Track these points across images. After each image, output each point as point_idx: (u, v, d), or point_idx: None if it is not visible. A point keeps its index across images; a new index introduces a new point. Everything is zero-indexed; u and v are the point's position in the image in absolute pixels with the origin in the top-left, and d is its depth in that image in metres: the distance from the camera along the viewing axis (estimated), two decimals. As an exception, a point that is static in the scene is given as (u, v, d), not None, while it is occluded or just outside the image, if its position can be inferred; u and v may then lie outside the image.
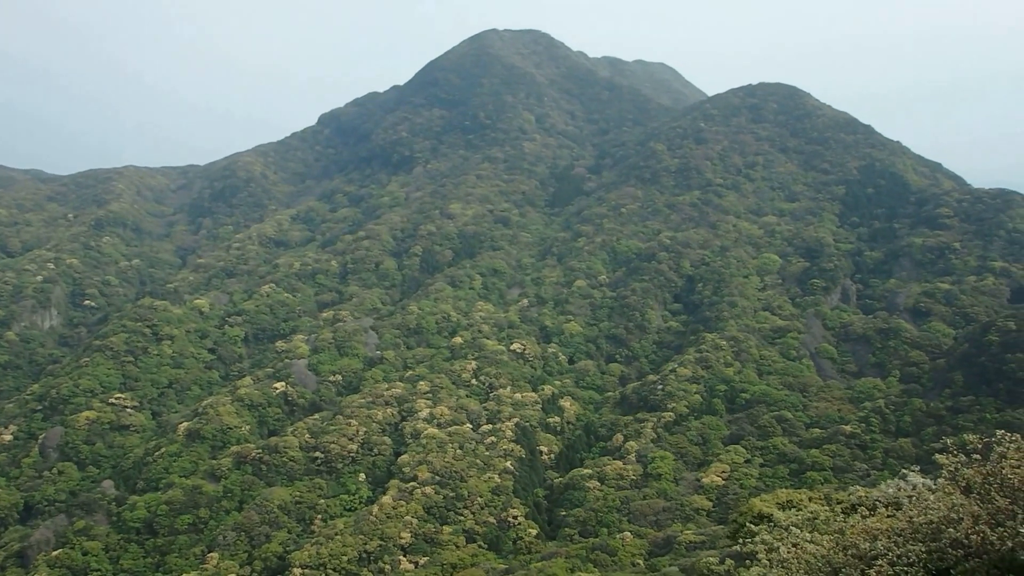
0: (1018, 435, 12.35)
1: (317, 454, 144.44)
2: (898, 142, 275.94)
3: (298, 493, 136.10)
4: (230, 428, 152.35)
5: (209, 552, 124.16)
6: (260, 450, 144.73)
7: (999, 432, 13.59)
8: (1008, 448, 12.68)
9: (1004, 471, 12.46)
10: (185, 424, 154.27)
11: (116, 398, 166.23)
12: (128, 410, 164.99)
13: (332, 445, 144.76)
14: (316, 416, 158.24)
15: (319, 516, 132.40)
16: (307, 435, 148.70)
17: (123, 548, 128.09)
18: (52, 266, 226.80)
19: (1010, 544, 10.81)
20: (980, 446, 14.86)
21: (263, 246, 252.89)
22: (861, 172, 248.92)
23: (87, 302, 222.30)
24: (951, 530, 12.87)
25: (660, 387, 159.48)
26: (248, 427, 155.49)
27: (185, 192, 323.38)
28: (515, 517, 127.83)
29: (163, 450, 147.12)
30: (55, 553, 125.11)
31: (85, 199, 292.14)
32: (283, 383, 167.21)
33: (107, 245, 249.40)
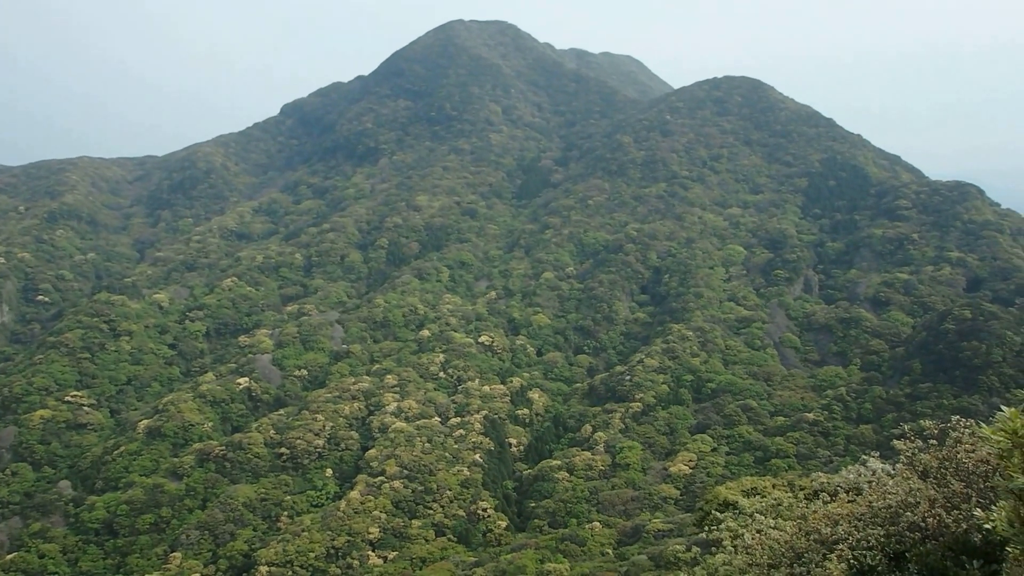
0: (973, 420, 12.65)
1: (283, 450, 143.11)
2: (859, 135, 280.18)
3: (263, 490, 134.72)
4: (192, 425, 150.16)
5: (172, 552, 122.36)
6: (223, 447, 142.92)
7: (955, 418, 13.90)
8: (963, 433, 12.99)
9: (959, 456, 12.76)
10: (145, 422, 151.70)
11: (72, 396, 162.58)
12: (85, 408, 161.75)
13: (298, 441, 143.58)
14: (281, 411, 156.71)
15: (285, 513, 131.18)
16: (272, 431, 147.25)
17: (81, 550, 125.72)
18: (3, 260, 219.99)
19: (964, 526, 11.07)
20: (936, 432, 15.17)
21: (224, 239, 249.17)
22: (823, 165, 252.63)
23: (40, 297, 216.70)
24: (909, 514, 13.14)
25: (628, 378, 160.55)
26: (211, 424, 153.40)
27: (142, 184, 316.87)
28: (484, 510, 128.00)
29: (122, 449, 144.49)
30: (10, 557, 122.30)
31: (37, 191, 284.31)
32: (247, 378, 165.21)
33: (61, 238, 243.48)
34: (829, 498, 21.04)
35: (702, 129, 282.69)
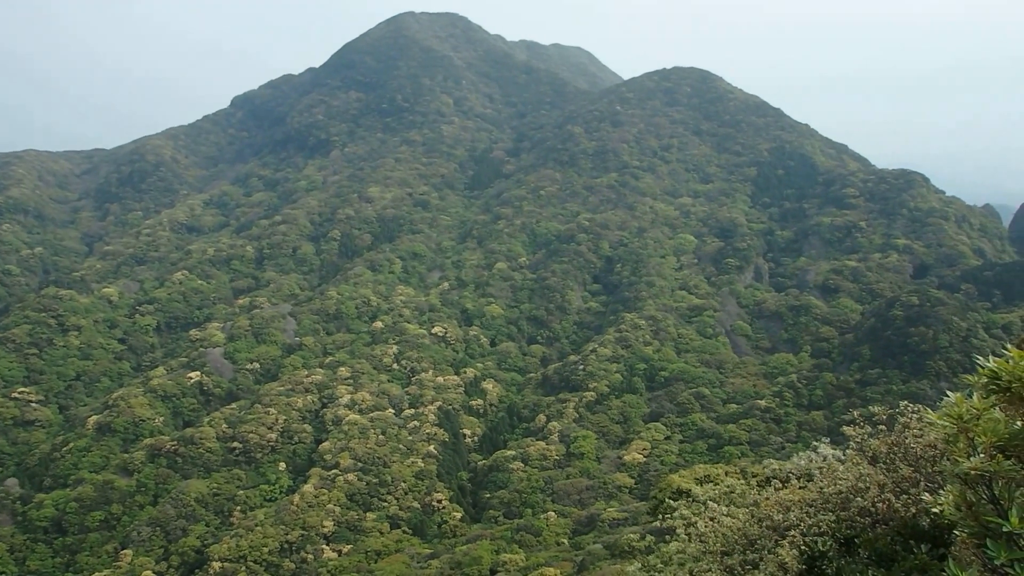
0: (920, 405, 12.74)
1: (235, 444, 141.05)
2: (806, 125, 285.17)
3: (216, 485, 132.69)
4: (142, 420, 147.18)
5: (122, 549, 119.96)
6: (175, 442, 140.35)
7: (902, 403, 14.01)
8: (910, 419, 13.09)
9: (907, 441, 12.84)
10: (94, 417, 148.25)
11: (19, 392, 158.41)
12: (32, 404, 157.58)
13: (251, 435, 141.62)
14: (233, 405, 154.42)
15: (238, 508, 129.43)
16: (224, 425, 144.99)
17: (29, 548, 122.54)
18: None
19: (913, 511, 11.13)
20: (885, 417, 15.29)
21: (174, 232, 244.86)
22: (772, 154, 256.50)
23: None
24: (859, 499, 13.20)
25: (581, 367, 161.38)
26: (162, 419, 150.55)
27: (90, 177, 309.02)
28: (439, 501, 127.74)
29: (71, 445, 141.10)
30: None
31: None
32: (198, 372, 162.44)
33: (7, 233, 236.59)
34: (781, 485, 21.20)
35: (652, 119, 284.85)
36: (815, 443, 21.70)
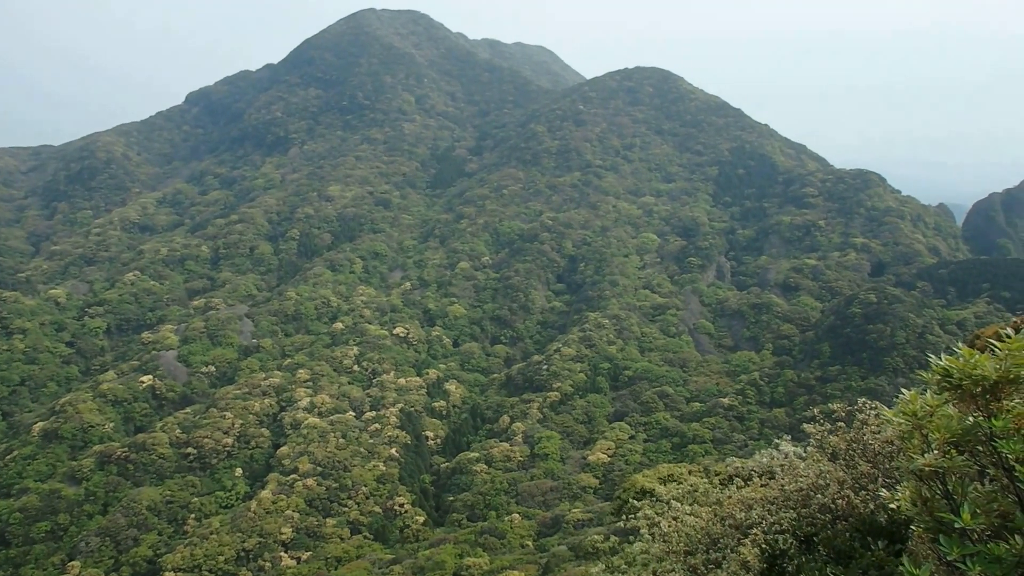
0: (877, 403, 12.98)
1: (189, 450, 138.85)
2: (766, 125, 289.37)
3: (169, 492, 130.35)
4: (92, 426, 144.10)
5: (70, 561, 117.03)
6: (126, 448, 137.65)
7: (861, 400, 14.26)
8: (868, 415, 13.33)
9: (866, 438, 13.08)
10: (40, 424, 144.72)
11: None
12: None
13: (205, 440, 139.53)
14: (187, 410, 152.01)
15: (192, 515, 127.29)
16: (178, 430, 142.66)
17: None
18: None
19: (872, 507, 11.33)
20: (844, 414, 15.54)
21: (126, 231, 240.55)
22: (732, 154, 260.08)
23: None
24: (819, 496, 13.39)
25: (545, 367, 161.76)
26: (112, 424, 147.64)
27: (37, 174, 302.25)
28: (401, 505, 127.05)
29: (15, 453, 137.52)
30: None
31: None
32: (150, 376, 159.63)
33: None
34: (743, 483, 21.45)
35: (615, 119, 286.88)
36: (777, 440, 22.01)
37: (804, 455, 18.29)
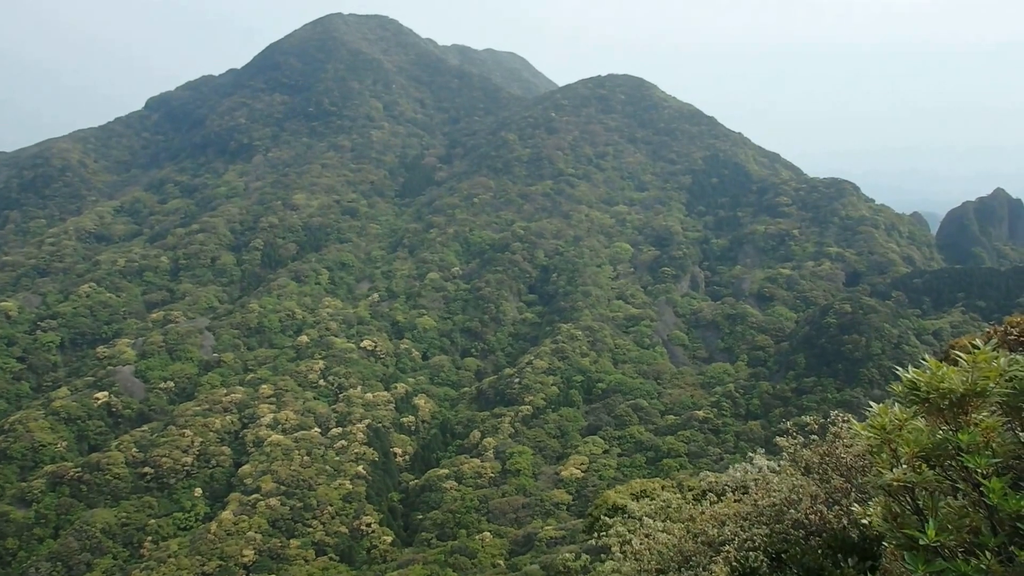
0: (850, 415, 13.06)
1: (146, 469, 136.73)
2: (740, 133, 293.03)
3: (124, 514, 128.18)
4: (43, 445, 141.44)
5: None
6: (79, 468, 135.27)
7: (833, 412, 14.38)
8: (841, 428, 13.43)
9: (838, 451, 13.14)
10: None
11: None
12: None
13: (163, 459, 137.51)
14: (145, 428, 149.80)
15: (149, 538, 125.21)
16: (134, 449, 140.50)
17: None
18: None
19: (844, 522, 11.36)
20: (817, 427, 15.64)
21: (82, 241, 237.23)
22: (706, 162, 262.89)
23: None
24: (792, 511, 13.44)
25: (517, 380, 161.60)
26: (65, 443, 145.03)
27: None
28: (368, 525, 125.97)
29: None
30: None
31: None
32: (106, 393, 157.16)
33: None
34: (716, 498, 21.50)
35: (587, 127, 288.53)
36: (751, 454, 22.12)
37: (778, 469, 18.37)
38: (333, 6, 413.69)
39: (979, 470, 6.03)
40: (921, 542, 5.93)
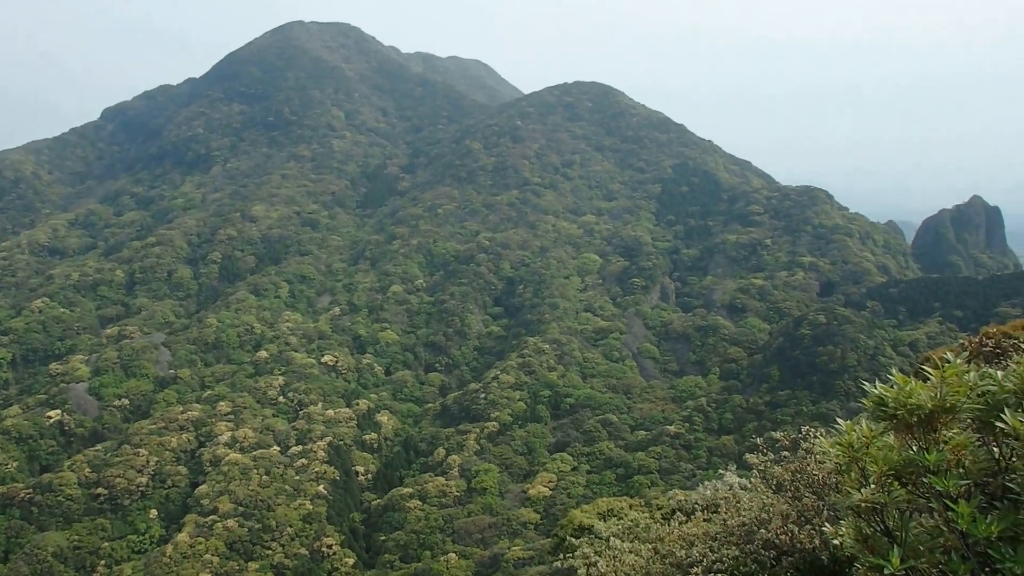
0: (823, 430, 12.98)
1: (100, 490, 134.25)
2: (710, 141, 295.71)
3: (77, 537, 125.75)
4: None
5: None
6: (30, 489, 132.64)
7: (804, 428, 14.29)
8: (813, 444, 13.32)
9: (810, 467, 13.04)
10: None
11: None
12: None
13: (117, 479, 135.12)
14: (98, 447, 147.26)
15: (102, 562, 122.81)
16: (87, 469, 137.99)
17: None
18: None
19: (816, 542, 11.24)
20: (788, 443, 15.56)
21: (35, 255, 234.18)
22: (675, 170, 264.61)
23: None
24: (763, 531, 13.31)
25: (483, 396, 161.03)
26: (15, 464, 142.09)
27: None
28: (329, 546, 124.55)
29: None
30: None
31: None
32: (58, 411, 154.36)
33: None
34: (685, 517, 21.38)
35: (553, 135, 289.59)
36: (722, 471, 22.06)
37: (749, 486, 18.29)
38: (295, 15, 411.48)
39: (948, 491, 5.92)
40: (886, 571, 5.79)
